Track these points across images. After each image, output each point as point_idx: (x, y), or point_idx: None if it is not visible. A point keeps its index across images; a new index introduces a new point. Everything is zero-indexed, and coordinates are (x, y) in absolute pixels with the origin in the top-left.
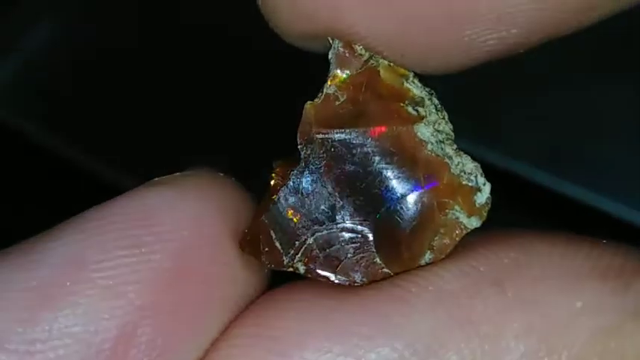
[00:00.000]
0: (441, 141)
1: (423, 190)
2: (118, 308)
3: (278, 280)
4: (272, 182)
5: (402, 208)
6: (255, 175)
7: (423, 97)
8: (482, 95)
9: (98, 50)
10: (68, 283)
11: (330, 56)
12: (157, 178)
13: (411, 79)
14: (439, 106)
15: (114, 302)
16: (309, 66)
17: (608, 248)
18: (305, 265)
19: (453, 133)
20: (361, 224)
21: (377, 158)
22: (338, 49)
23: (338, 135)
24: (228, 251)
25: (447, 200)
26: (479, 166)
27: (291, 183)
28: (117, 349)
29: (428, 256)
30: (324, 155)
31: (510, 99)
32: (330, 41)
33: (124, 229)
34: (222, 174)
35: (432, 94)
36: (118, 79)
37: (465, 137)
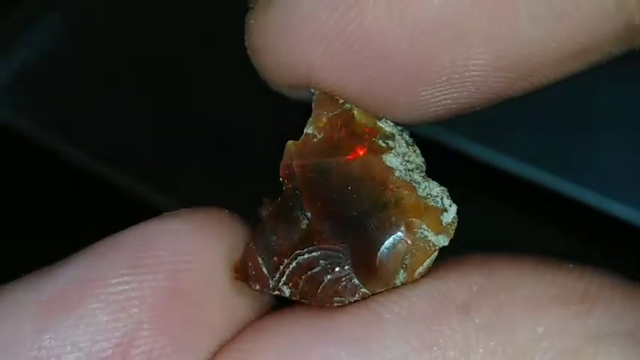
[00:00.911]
0: (409, 170)
1: (392, 211)
2: (118, 321)
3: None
4: (262, 213)
5: (374, 228)
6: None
7: (394, 133)
8: None
9: (98, 50)
10: (74, 298)
11: (313, 104)
12: (165, 213)
13: (383, 119)
14: (410, 141)
15: (115, 316)
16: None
17: (573, 273)
18: (289, 288)
19: (424, 165)
20: (339, 246)
21: (350, 184)
22: (317, 95)
23: (314, 166)
24: (221, 278)
25: (414, 220)
26: (446, 190)
27: (276, 212)
28: (115, 359)
29: (402, 275)
30: (303, 185)
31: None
32: (312, 90)
33: (128, 253)
34: (226, 211)
35: (404, 131)
36: (118, 79)
37: (464, 136)
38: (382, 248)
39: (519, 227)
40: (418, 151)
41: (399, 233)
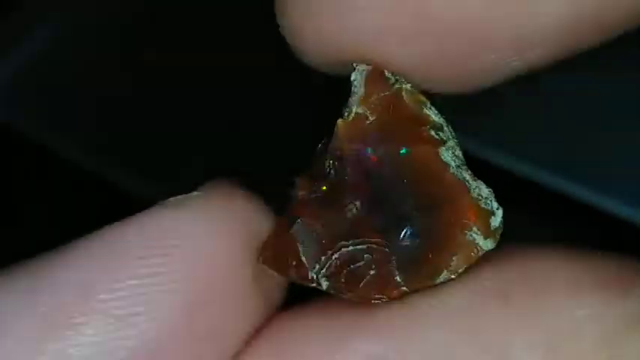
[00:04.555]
0: (458, 166)
1: (447, 211)
2: (128, 339)
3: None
4: (296, 195)
5: (425, 227)
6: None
7: (442, 124)
8: (483, 92)
9: (98, 50)
10: (76, 313)
11: (353, 78)
12: (172, 198)
13: (428, 105)
14: (453, 133)
15: (124, 333)
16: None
17: (603, 258)
18: (328, 281)
19: (464, 160)
20: (386, 241)
21: (405, 178)
22: (367, 72)
23: (369, 153)
24: (245, 278)
25: (467, 221)
26: (492, 191)
27: (320, 197)
28: None
29: (444, 275)
30: (354, 172)
31: (512, 97)
32: (355, 65)
33: (137, 257)
34: (239, 187)
35: (447, 122)
36: (119, 80)
37: (466, 135)
38: (431, 249)
39: (519, 227)
40: (457, 143)
41: (450, 234)
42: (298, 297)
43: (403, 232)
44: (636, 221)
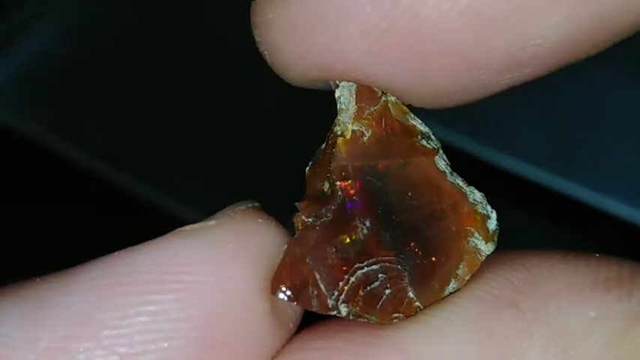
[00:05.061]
0: (451, 172)
1: (450, 219)
2: None
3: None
4: (302, 222)
5: (432, 237)
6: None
7: (428, 132)
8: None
9: (98, 50)
10: (80, 349)
11: (339, 95)
12: (187, 227)
13: (412, 115)
14: (438, 142)
15: None
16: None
17: (602, 261)
18: (347, 306)
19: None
20: (398, 257)
21: (410, 190)
22: (357, 87)
23: (372, 169)
24: (263, 310)
25: (469, 228)
26: (484, 195)
27: (328, 221)
28: None
29: (452, 285)
30: (361, 190)
31: (512, 97)
32: (337, 82)
33: (147, 293)
34: (256, 212)
35: (430, 131)
36: (118, 79)
37: (466, 136)
38: (439, 260)
39: (520, 228)
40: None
41: (456, 242)
42: (310, 318)
43: (413, 246)
44: (636, 221)
